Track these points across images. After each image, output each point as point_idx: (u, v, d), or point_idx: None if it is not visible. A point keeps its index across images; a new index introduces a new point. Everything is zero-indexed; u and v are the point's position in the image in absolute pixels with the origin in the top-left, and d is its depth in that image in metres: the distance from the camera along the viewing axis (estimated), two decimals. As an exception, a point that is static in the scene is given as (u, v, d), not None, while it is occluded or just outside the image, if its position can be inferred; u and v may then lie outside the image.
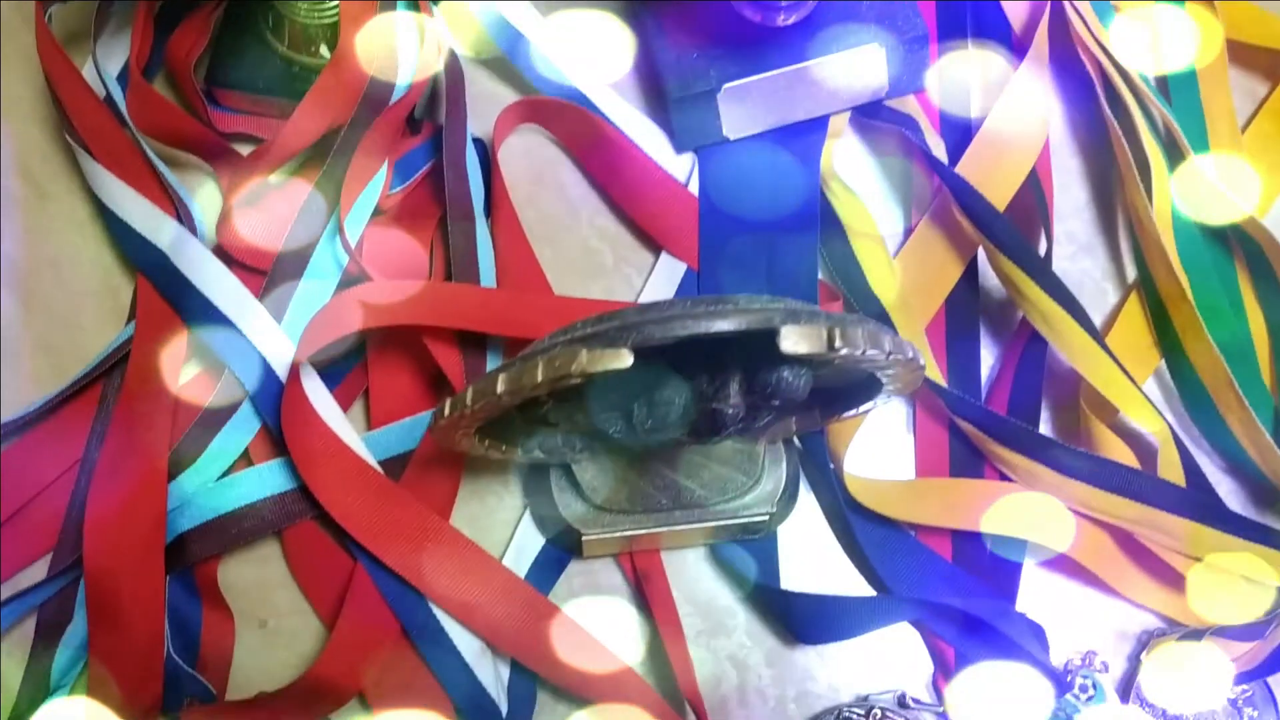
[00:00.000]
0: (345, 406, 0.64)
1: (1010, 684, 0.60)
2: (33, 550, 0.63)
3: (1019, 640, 0.59)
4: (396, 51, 0.66)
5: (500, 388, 0.48)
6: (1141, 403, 0.63)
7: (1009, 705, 0.60)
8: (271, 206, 0.66)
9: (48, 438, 0.64)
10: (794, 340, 0.45)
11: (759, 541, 0.64)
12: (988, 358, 0.68)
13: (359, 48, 0.65)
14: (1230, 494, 0.66)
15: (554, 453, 0.58)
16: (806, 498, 0.66)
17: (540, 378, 0.46)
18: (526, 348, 0.51)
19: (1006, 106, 0.68)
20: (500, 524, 0.65)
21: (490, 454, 0.56)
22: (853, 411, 0.57)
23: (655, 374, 0.51)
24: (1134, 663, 0.64)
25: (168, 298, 0.64)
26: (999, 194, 0.66)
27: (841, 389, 0.57)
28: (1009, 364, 0.66)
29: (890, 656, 0.64)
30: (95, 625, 0.59)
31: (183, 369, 0.64)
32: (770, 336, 0.45)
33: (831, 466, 0.63)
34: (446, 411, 0.50)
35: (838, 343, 0.45)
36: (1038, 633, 0.61)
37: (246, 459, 0.63)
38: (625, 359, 0.45)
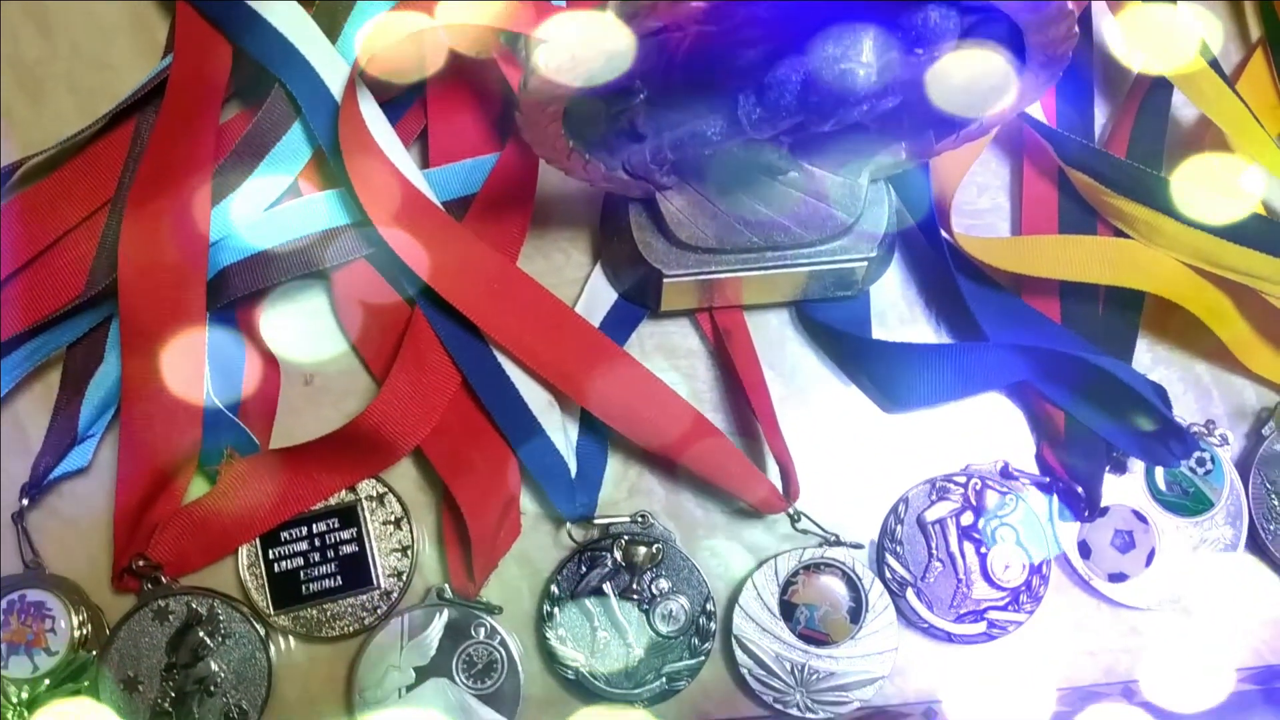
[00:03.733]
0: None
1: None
2: (60, 295, 0.58)
3: (1141, 391, 0.53)
4: None
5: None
6: (1275, 151, 0.58)
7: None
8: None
9: (76, 176, 0.59)
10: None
11: (851, 300, 0.59)
12: (1100, 117, 0.63)
13: None
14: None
15: (639, 169, 0.52)
16: (902, 260, 0.61)
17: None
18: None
19: None
20: (567, 283, 0.60)
21: (572, 164, 0.50)
22: (972, 127, 0.51)
23: (765, 57, 0.46)
24: (1253, 440, 0.59)
25: (210, 16, 0.58)
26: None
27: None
28: (1128, 112, 0.61)
29: (994, 428, 0.59)
30: (130, 361, 0.54)
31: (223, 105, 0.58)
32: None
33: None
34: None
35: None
36: (1159, 392, 0.56)
37: (295, 192, 0.58)
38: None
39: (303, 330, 0.59)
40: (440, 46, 0.57)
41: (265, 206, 0.57)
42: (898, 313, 0.60)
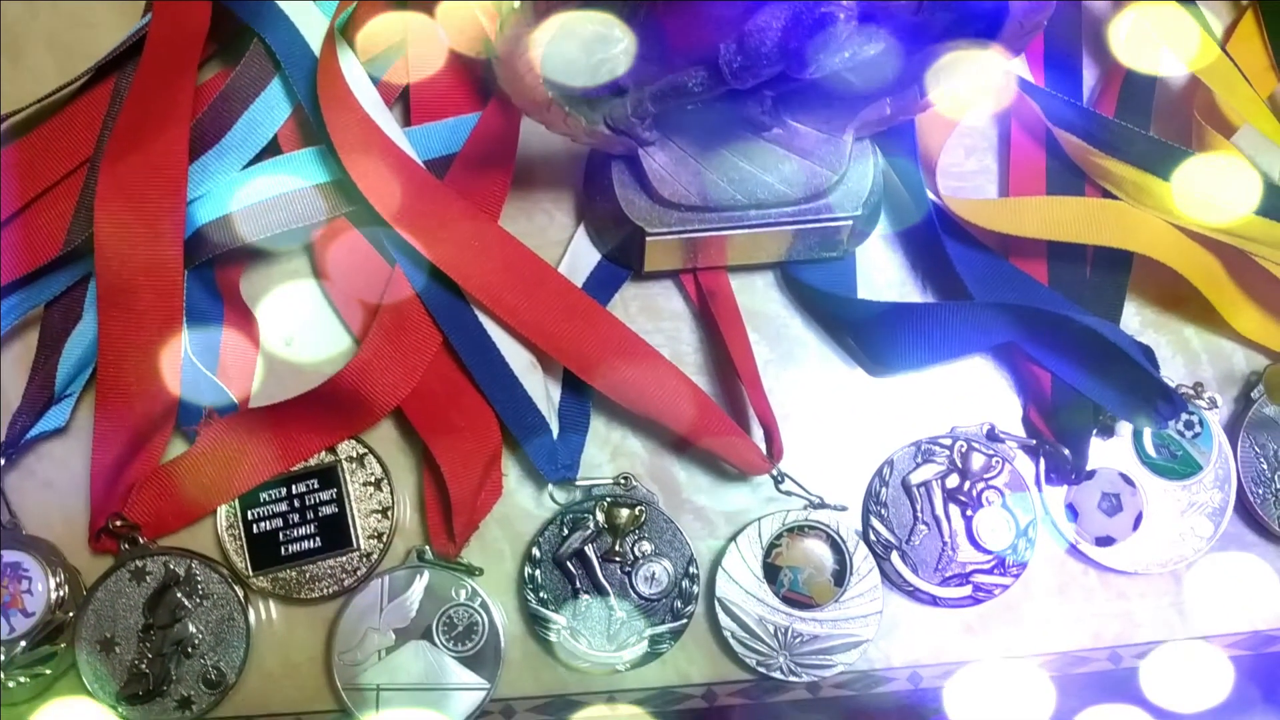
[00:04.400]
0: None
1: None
2: (38, 253, 0.57)
3: (1128, 351, 0.53)
4: None
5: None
6: (1266, 114, 0.57)
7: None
8: None
9: (55, 134, 0.58)
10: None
11: (836, 262, 0.58)
12: (1089, 79, 0.62)
13: None
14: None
15: (621, 123, 0.52)
16: (888, 222, 0.60)
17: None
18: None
19: None
20: (551, 244, 0.59)
21: (552, 117, 0.50)
22: (960, 83, 0.51)
23: (746, 5, 0.45)
24: (1241, 404, 0.59)
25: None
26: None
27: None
28: (1116, 74, 0.60)
29: (980, 390, 0.59)
30: (106, 318, 0.53)
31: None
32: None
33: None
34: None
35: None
36: (1146, 352, 0.55)
37: (275, 150, 0.57)
38: None
39: (283, 290, 0.58)
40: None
41: (243, 164, 0.56)
42: (884, 275, 0.60)
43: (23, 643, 0.54)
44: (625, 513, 0.56)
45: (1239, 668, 0.57)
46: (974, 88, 0.52)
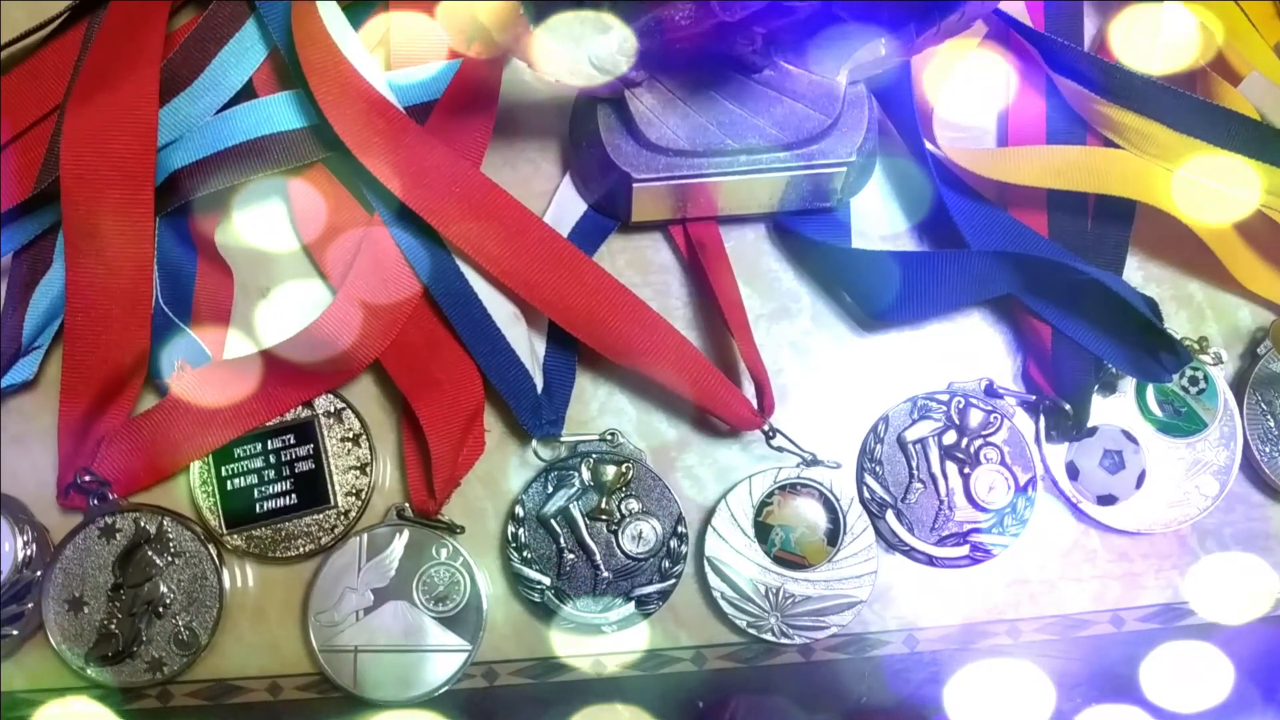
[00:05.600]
0: (364, 49, 0.56)
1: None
2: (7, 200, 0.55)
3: (1131, 301, 0.51)
4: None
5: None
6: (1274, 60, 0.55)
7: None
8: None
9: (25, 81, 0.56)
10: None
11: (830, 213, 0.56)
12: (1090, 28, 0.60)
13: None
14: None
15: (606, 66, 0.50)
16: (884, 174, 0.58)
17: None
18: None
19: None
20: (536, 195, 0.57)
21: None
22: (954, 19, 0.49)
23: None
24: (1248, 360, 0.57)
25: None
26: None
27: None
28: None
29: (978, 345, 0.57)
30: (74, 264, 0.52)
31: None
32: None
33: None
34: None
35: None
36: (1150, 303, 0.53)
37: (251, 94, 0.55)
38: None
39: (259, 240, 0.57)
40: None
41: (217, 108, 0.54)
42: (878, 228, 0.58)
43: (-11, 602, 0.53)
44: (612, 470, 0.54)
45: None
46: (972, 29, 0.51)
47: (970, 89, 0.58)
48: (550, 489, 0.54)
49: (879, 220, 0.58)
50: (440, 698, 0.53)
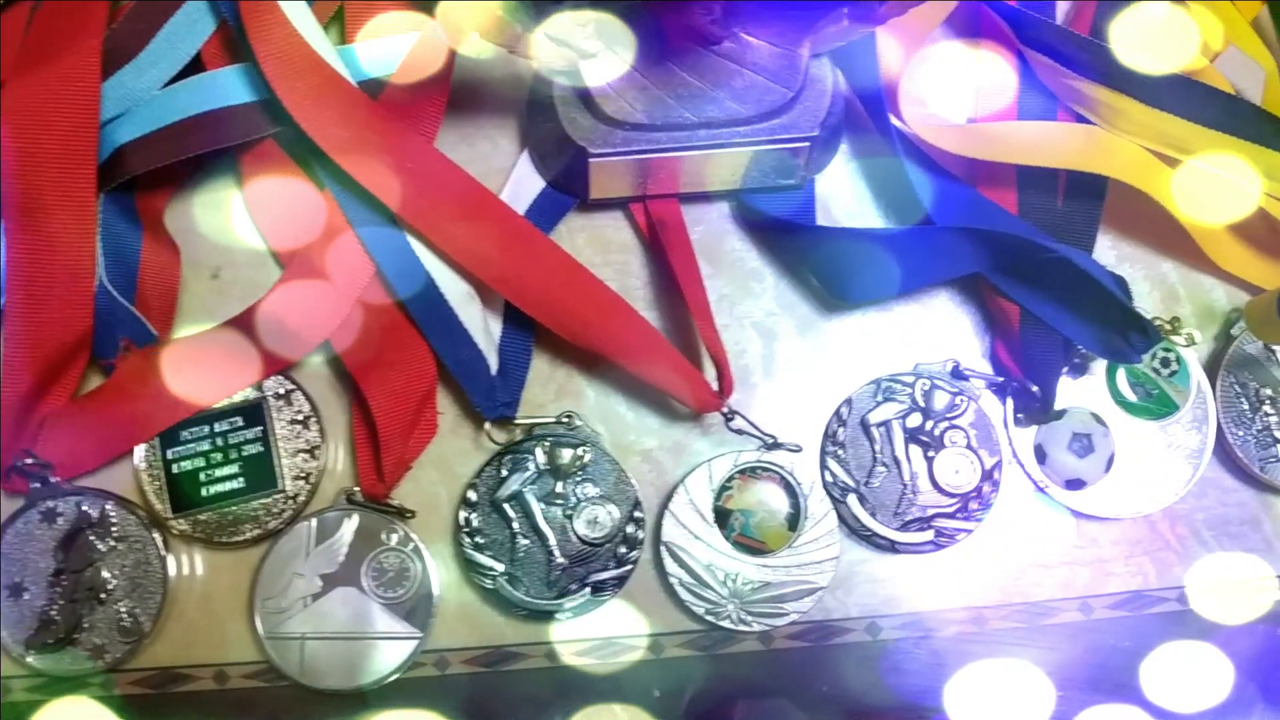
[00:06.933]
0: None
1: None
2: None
3: (1100, 279, 0.50)
4: None
5: None
6: (1250, 34, 0.54)
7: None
8: None
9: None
10: None
11: (794, 191, 0.55)
12: (1063, 7, 0.59)
13: None
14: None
15: (562, 37, 0.48)
16: (849, 150, 0.57)
17: None
18: None
19: None
20: (494, 173, 0.56)
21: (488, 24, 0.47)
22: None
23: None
24: (1222, 342, 0.56)
25: None
26: None
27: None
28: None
29: (944, 326, 0.56)
30: (13, 240, 0.50)
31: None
32: None
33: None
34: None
35: None
36: (1120, 282, 0.52)
37: (199, 67, 0.54)
38: None
39: (209, 218, 0.55)
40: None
41: (164, 82, 0.53)
42: (844, 206, 0.57)
43: (-74, 589, 0.51)
44: (568, 453, 0.53)
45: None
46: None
47: (939, 63, 0.57)
48: (504, 473, 0.53)
49: (844, 198, 0.57)
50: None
